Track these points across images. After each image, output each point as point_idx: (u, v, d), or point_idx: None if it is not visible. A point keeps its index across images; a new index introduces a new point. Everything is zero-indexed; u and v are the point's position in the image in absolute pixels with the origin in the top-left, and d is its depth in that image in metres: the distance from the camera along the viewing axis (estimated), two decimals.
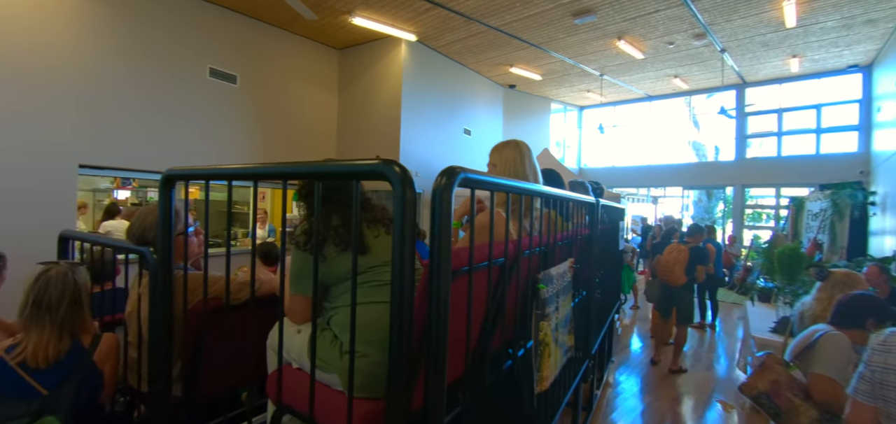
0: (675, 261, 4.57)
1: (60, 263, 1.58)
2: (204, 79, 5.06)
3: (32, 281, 1.47)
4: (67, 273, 1.54)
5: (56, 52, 3.91)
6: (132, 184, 7.80)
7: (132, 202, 7.67)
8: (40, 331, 1.44)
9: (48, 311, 1.45)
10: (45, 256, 3.67)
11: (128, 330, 1.68)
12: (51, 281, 1.50)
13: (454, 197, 0.87)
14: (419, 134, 6.58)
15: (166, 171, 1.40)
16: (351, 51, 6.77)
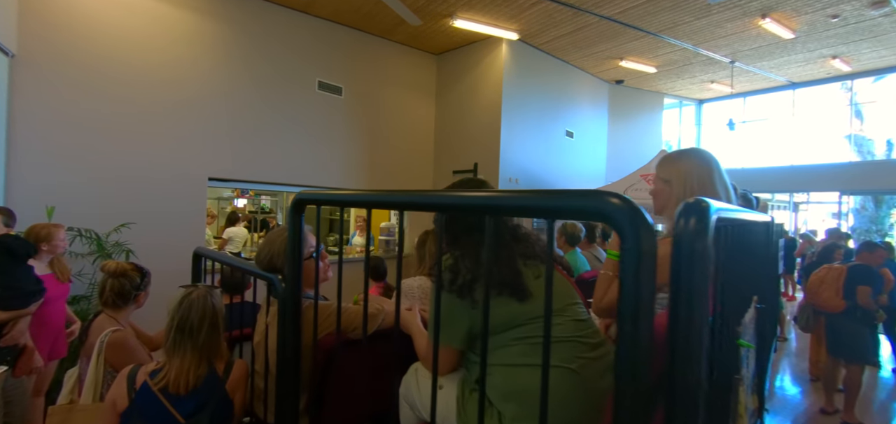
0: (822, 281, 3.70)
1: (199, 286, 1.61)
2: (313, 92, 5.34)
3: (176, 305, 1.50)
4: (206, 296, 1.55)
5: (187, 74, 4.37)
6: (249, 194, 8.67)
7: (249, 209, 8.52)
8: (182, 356, 1.45)
9: (190, 335, 1.47)
10: (182, 265, 4.02)
11: (255, 358, 1.66)
12: (192, 305, 1.51)
13: None
14: (519, 138, 6.30)
15: (297, 195, 1.32)
16: (448, 56, 6.73)
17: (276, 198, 9.34)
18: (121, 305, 2.01)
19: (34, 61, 3.55)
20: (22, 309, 2.28)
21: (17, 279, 2.25)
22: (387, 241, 6.61)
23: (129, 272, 2.03)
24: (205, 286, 1.67)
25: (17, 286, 2.24)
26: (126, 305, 2.02)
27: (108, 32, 3.91)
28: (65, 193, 3.65)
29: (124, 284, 2.00)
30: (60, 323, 2.96)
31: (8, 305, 2.20)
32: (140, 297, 2.07)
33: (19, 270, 2.26)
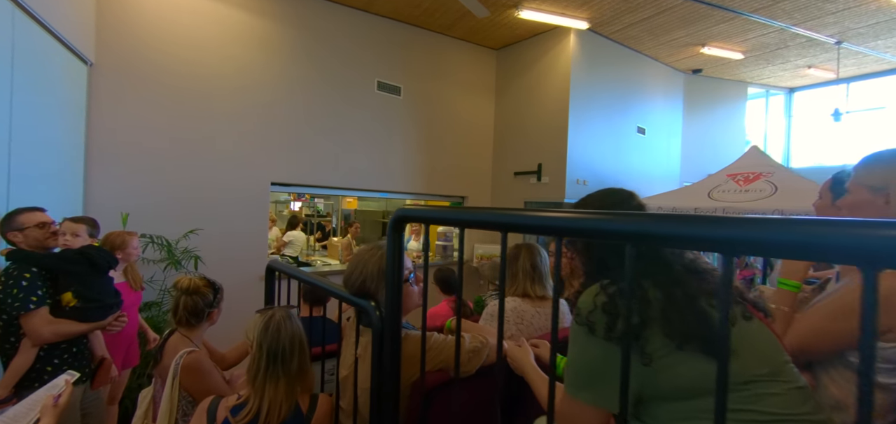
0: None
1: (278, 308, 1.47)
2: (372, 93, 5.26)
3: (261, 330, 1.36)
4: (290, 318, 1.42)
5: (251, 78, 4.40)
6: (304, 197, 8.83)
7: (305, 212, 8.67)
8: (274, 388, 1.30)
9: (282, 364, 1.32)
10: (247, 270, 4.01)
11: (341, 393, 1.50)
12: (281, 329, 1.37)
13: None
14: (587, 136, 5.90)
15: (398, 212, 1.12)
16: (509, 51, 6.45)
17: (330, 200, 9.46)
18: (194, 323, 1.94)
19: (110, 70, 3.68)
20: (101, 321, 2.28)
21: (98, 291, 2.25)
22: (444, 247, 6.43)
23: (201, 288, 1.95)
24: (283, 307, 1.53)
25: (98, 298, 2.24)
26: (199, 323, 1.96)
27: (177, 39, 4.00)
28: (137, 199, 3.76)
29: (197, 302, 1.93)
30: (133, 331, 3.00)
31: (87, 317, 2.20)
32: (213, 314, 2.00)
33: (100, 282, 2.26)
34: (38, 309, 2.04)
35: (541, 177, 5.89)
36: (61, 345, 2.20)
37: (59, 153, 3.10)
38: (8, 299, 2.01)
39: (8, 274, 2.04)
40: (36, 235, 2.20)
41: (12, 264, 2.07)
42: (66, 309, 2.16)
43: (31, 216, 2.22)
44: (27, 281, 2.04)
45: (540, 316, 1.79)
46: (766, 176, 5.72)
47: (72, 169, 3.33)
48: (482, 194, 6.49)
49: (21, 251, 2.15)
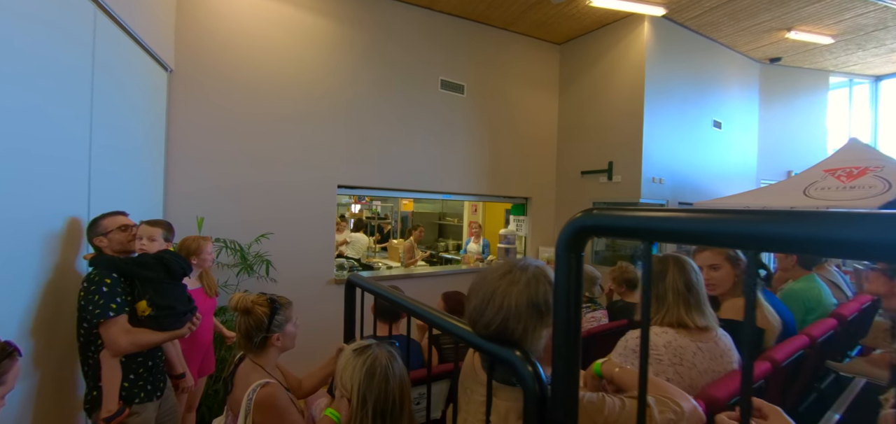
0: None
1: (380, 347, 1.10)
2: (436, 92, 4.91)
3: (365, 380, 0.98)
4: (396, 360, 1.05)
5: (318, 80, 4.18)
6: (365, 200, 8.66)
7: (366, 215, 8.51)
8: None
9: (391, 420, 0.96)
10: (316, 274, 3.70)
11: None
12: (388, 376, 1.00)
13: None
14: (662, 131, 5.23)
15: (579, 221, 0.69)
16: (573, 45, 5.89)
17: (388, 203, 9.26)
18: (258, 347, 1.61)
19: (188, 76, 3.55)
20: (176, 329, 2.03)
21: (173, 298, 2.00)
22: (507, 250, 5.97)
23: (254, 309, 1.59)
24: (384, 346, 1.16)
25: (171, 306, 1.99)
26: (265, 347, 1.62)
27: (250, 44, 3.82)
28: (211, 204, 3.60)
29: (250, 325, 1.57)
30: (209, 338, 2.79)
31: (162, 326, 1.95)
32: (275, 340, 1.62)
33: (174, 289, 2.01)
34: (117, 316, 1.82)
35: (612, 176, 5.29)
36: (137, 358, 1.97)
37: (141, 159, 2.96)
38: (89, 306, 1.80)
39: (90, 280, 1.84)
40: (119, 239, 1.99)
41: (94, 269, 1.87)
42: (141, 319, 1.92)
43: (114, 219, 2.01)
44: (108, 288, 1.83)
45: (702, 353, 1.29)
46: (874, 170, 4.83)
47: (153, 174, 3.19)
48: (546, 195, 5.97)
49: (103, 256, 1.95)
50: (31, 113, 1.77)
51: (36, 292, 1.81)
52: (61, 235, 1.97)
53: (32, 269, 1.79)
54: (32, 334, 1.79)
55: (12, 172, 1.66)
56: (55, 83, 1.94)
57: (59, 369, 2.01)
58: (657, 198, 5.21)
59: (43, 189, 1.85)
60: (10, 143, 1.64)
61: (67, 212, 2.02)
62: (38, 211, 1.83)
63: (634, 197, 5.05)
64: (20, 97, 1.70)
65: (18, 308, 1.72)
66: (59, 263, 1.94)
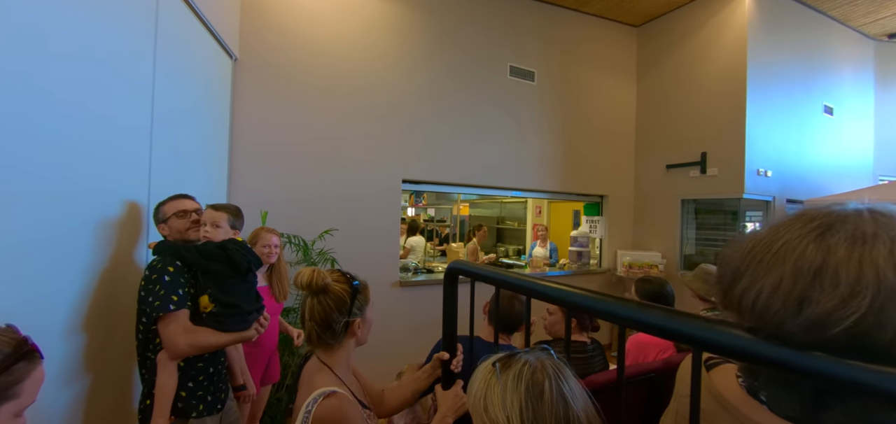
0: None
1: (538, 354, 0.67)
2: (505, 79, 4.47)
3: (525, 401, 0.57)
4: (566, 374, 0.60)
5: (382, 70, 3.90)
6: (421, 203, 8.36)
7: (424, 218, 8.20)
8: None
9: None
10: (381, 275, 3.29)
11: None
12: (566, 398, 0.58)
13: None
14: (766, 117, 4.46)
15: None
16: (653, 25, 5.24)
17: (443, 205, 8.90)
18: (331, 342, 1.20)
19: (252, 65, 3.36)
20: (241, 330, 1.71)
21: (238, 295, 1.68)
22: (579, 253, 5.37)
23: (332, 287, 1.19)
24: (544, 354, 0.72)
25: (236, 304, 1.66)
26: (340, 342, 1.22)
27: (314, 32, 3.59)
28: (275, 198, 3.37)
29: (327, 310, 1.16)
30: (274, 342, 2.49)
31: (225, 325, 1.63)
32: (356, 327, 1.22)
33: (239, 285, 1.69)
34: (178, 310, 1.52)
35: (705, 169, 4.57)
36: (198, 363, 1.67)
37: (207, 147, 2.75)
38: (149, 297, 1.52)
39: (151, 268, 1.57)
40: (177, 226, 1.71)
41: (156, 257, 1.60)
42: (202, 316, 1.62)
43: (173, 204, 1.75)
44: (170, 277, 1.54)
45: None
46: None
47: (218, 164, 2.99)
48: (624, 191, 5.32)
49: (166, 242, 1.68)
50: (87, 85, 1.52)
51: (89, 284, 1.55)
52: (119, 221, 1.72)
53: (85, 258, 1.54)
54: (84, 329, 1.53)
55: (62, 149, 1.40)
56: (112, 53, 1.70)
57: (117, 370, 1.75)
58: (762, 193, 4.43)
59: (97, 168, 1.60)
60: (65, 112, 1.39)
61: (125, 194, 1.77)
62: (92, 193, 1.57)
63: (736, 192, 4.31)
64: (76, 68, 1.45)
65: (68, 301, 1.46)
66: (115, 253, 1.68)
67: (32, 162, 1.26)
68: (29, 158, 1.25)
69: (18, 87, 1.20)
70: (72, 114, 1.43)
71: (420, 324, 3.99)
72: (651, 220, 5.15)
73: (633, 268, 4.75)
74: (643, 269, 4.69)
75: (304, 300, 1.22)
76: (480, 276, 1.12)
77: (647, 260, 4.75)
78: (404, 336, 3.90)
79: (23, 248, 1.24)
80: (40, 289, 1.31)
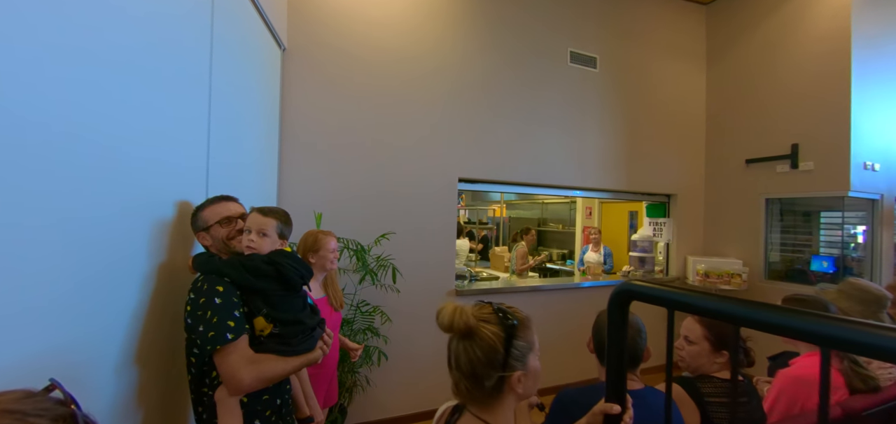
0: None
1: None
2: (565, 66, 4.09)
3: None
4: None
5: (438, 60, 3.60)
6: (460, 203, 8.02)
7: (463, 221, 7.87)
8: None
9: None
10: (437, 286, 2.88)
11: None
12: None
13: None
14: (872, 102, 3.87)
15: None
16: (724, 4, 4.72)
17: (481, 206, 8.54)
18: (485, 399, 0.91)
19: (302, 56, 3.12)
20: (310, 351, 1.43)
21: (296, 311, 1.40)
22: (642, 260, 4.91)
23: (480, 330, 0.91)
24: None
25: (298, 321, 1.38)
26: (498, 396, 0.92)
27: (366, 20, 3.33)
28: (327, 198, 3.12)
29: (475, 359, 0.89)
30: (335, 361, 2.22)
31: (291, 346, 1.35)
32: (515, 382, 0.93)
33: (293, 300, 1.40)
34: (237, 339, 1.24)
35: (798, 163, 4.03)
36: (263, 396, 1.39)
37: (258, 142, 2.51)
38: (198, 326, 1.23)
39: (197, 290, 1.28)
40: (221, 234, 1.44)
41: (200, 277, 1.32)
42: (260, 339, 1.34)
43: (216, 208, 1.46)
44: (221, 299, 1.25)
45: None
46: None
47: (267, 160, 2.76)
48: (693, 190, 4.82)
49: (208, 256, 1.39)
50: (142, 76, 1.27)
51: (141, 302, 1.30)
52: (171, 225, 1.47)
53: (136, 271, 1.29)
54: (137, 361, 1.28)
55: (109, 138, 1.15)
56: (163, 37, 1.45)
57: (172, 408, 1.50)
58: (868, 190, 3.86)
59: (149, 169, 1.35)
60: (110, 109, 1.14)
61: (179, 193, 1.52)
62: (145, 195, 1.32)
63: (839, 189, 3.76)
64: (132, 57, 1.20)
65: (119, 323, 1.21)
66: (166, 263, 1.43)
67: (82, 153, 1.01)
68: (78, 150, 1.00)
69: (67, 80, 0.95)
70: (122, 98, 1.18)
71: None
72: (726, 223, 4.63)
73: (710, 277, 4.25)
74: (723, 278, 4.19)
75: (451, 343, 0.95)
76: (677, 302, 0.77)
77: (726, 268, 4.25)
78: None
79: (75, 254, 0.99)
80: (93, 309, 1.07)
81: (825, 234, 4.14)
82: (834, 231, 4.09)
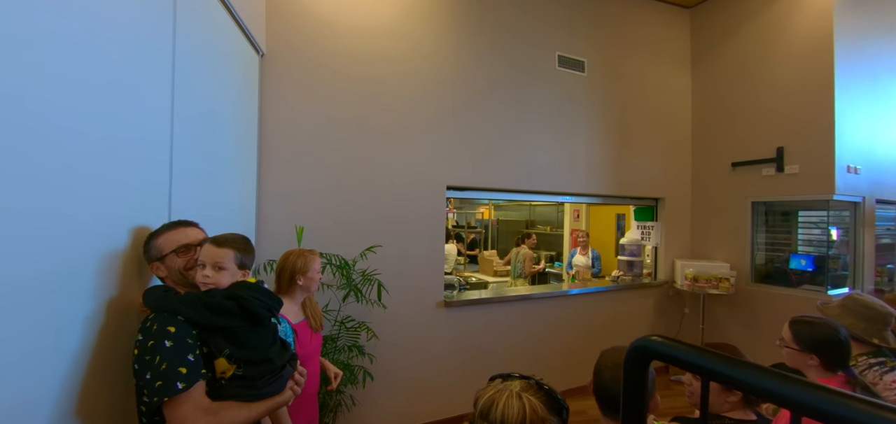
0: None
1: None
2: (553, 70, 4.00)
3: None
4: None
5: (421, 66, 3.46)
6: (448, 207, 7.89)
7: (451, 224, 7.74)
8: None
9: None
10: (425, 300, 2.78)
11: None
12: None
13: None
14: (852, 104, 3.89)
15: None
16: (708, 6, 4.71)
17: (469, 209, 8.43)
18: None
19: (281, 60, 2.95)
20: (278, 393, 1.28)
21: (263, 347, 1.25)
22: (630, 264, 4.85)
23: None
24: None
25: (265, 358, 1.23)
26: None
27: (348, 21, 3.17)
28: (309, 210, 2.96)
29: None
30: (315, 387, 2.06)
31: (257, 388, 1.20)
32: None
33: (260, 336, 1.24)
34: (189, 388, 1.07)
35: (783, 167, 4.02)
36: None
37: (232, 153, 2.34)
38: (146, 373, 1.07)
39: (146, 331, 1.12)
40: (177, 265, 1.28)
41: (151, 315, 1.15)
42: (221, 383, 1.18)
43: (171, 236, 1.30)
44: (173, 342, 1.09)
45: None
46: None
47: (245, 172, 2.59)
48: (681, 194, 4.79)
49: (162, 291, 1.21)
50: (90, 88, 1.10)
51: (84, 346, 1.13)
52: (123, 254, 1.29)
53: (78, 310, 1.12)
54: (80, 413, 1.11)
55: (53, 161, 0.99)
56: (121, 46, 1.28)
57: None
58: (851, 193, 3.87)
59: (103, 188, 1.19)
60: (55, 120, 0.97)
61: (134, 217, 1.35)
62: (90, 220, 1.15)
63: (824, 192, 3.75)
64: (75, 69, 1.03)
65: (56, 370, 1.04)
66: (115, 299, 1.26)
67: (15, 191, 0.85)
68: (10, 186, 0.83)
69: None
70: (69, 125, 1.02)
71: (469, 349, 3.54)
72: (713, 226, 4.61)
73: (698, 282, 4.21)
74: (711, 283, 4.15)
75: None
76: (709, 371, 0.65)
77: (714, 272, 4.21)
78: (453, 364, 3.46)
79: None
80: (22, 354, 0.90)
81: (803, 232, 4.15)
82: (811, 229, 4.11)
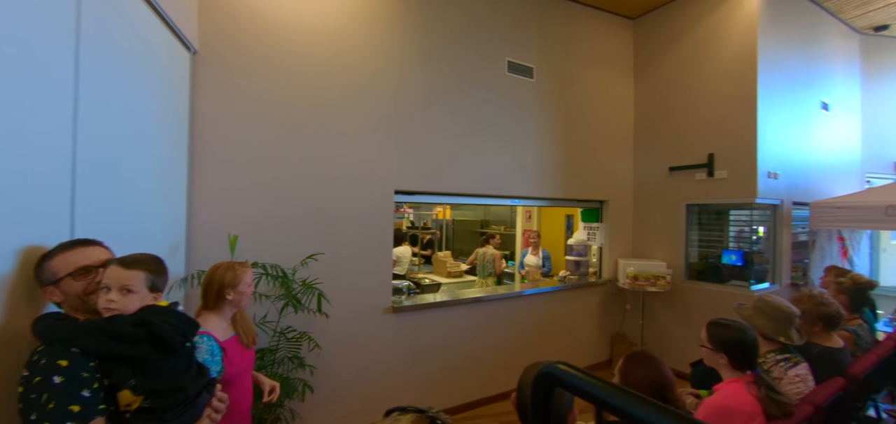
0: None
1: None
2: (502, 76, 4.06)
3: None
4: None
5: (367, 67, 3.41)
6: (400, 209, 7.83)
7: (406, 225, 7.69)
8: None
9: None
10: (373, 303, 2.79)
11: None
12: None
13: None
14: (774, 115, 4.24)
15: None
16: (651, 17, 4.96)
17: (426, 210, 8.42)
18: None
19: (215, 58, 2.80)
20: (196, 420, 1.22)
21: (175, 375, 1.18)
22: (577, 264, 5.03)
23: None
24: None
25: (175, 388, 1.17)
26: None
27: (287, 21, 3.06)
28: (245, 218, 2.83)
29: None
30: (248, 405, 1.98)
31: (169, 421, 1.13)
32: None
33: (172, 363, 1.18)
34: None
35: (713, 172, 4.31)
36: None
37: (155, 158, 2.19)
38: (32, 414, 0.97)
39: (32, 367, 1.02)
40: (75, 289, 1.17)
41: (41, 348, 1.05)
42: (126, 417, 1.11)
43: (68, 257, 1.19)
44: (63, 378, 1.00)
45: None
46: None
47: (172, 177, 2.43)
48: (624, 196, 5.02)
49: (55, 320, 1.12)
50: None
51: None
52: (11, 278, 1.18)
53: None
54: None
55: None
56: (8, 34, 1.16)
57: None
58: (771, 197, 4.21)
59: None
60: None
61: (24, 238, 1.23)
62: None
63: (748, 196, 4.07)
64: None
65: None
66: (1, 328, 1.14)
67: None
68: None
69: None
70: None
71: (418, 354, 3.53)
72: (653, 227, 4.88)
73: (638, 280, 4.44)
74: (650, 281, 4.39)
75: None
76: (606, 402, 0.68)
77: (652, 271, 4.46)
78: (402, 369, 3.44)
79: None
80: None
81: (734, 230, 4.51)
82: (741, 226, 4.49)
